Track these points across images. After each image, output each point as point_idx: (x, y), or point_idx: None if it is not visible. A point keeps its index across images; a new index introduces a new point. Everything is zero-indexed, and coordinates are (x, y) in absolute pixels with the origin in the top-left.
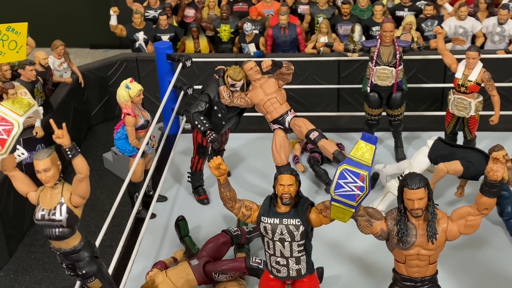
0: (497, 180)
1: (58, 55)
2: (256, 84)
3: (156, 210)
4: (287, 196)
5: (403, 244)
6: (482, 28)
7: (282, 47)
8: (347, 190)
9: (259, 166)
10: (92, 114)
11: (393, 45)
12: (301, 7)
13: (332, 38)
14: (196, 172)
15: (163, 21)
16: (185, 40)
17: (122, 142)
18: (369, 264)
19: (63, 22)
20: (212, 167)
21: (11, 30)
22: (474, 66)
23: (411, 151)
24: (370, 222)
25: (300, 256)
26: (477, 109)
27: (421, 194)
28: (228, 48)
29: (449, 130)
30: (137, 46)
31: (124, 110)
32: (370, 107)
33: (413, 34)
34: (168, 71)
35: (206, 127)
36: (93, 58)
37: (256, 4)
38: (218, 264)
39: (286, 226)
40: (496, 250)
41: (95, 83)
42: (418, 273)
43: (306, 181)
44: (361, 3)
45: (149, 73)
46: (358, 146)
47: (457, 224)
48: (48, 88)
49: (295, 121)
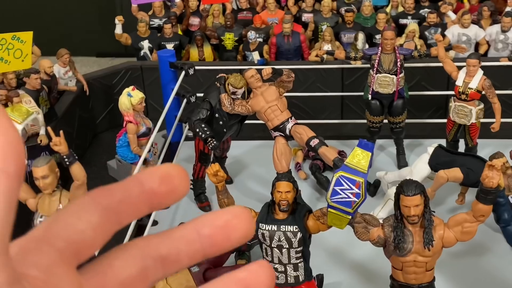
0: (492, 187)
1: (63, 64)
2: (257, 91)
3: (158, 217)
4: (285, 203)
5: (400, 251)
6: (486, 36)
7: (285, 55)
8: (343, 197)
9: (261, 173)
10: (97, 122)
11: (394, 53)
12: (305, 15)
13: (335, 46)
14: (198, 180)
15: (168, 29)
16: (190, 48)
17: (124, 149)
18: (369, 271)
19: (69, 31)
20: (210, 174)
21: (16, 39)
22: (474, 73)
23: (413, 158)
24: (367, 228)
25: (298, 263)
26: (478, 116)
27: (417, 201)
28: (232, 56)
29: (450, 138)
30: (142, 55)
31: (126, 117)
32: (371, 114)
33: (416, 42)
34: (171, 79)
35: (207, 135)
36: (99, 67)
37: (260, 12)
38: (218, 271)
39: (283, 232)
40: (495, 257)
41: (100, 91)
42: (415, 279)
43: (307, 188)
44: (364, 11)
45: (153, 81)
46: (355, 153)
47: (454, 231)
48: (53, 96)
49: (295, 128)
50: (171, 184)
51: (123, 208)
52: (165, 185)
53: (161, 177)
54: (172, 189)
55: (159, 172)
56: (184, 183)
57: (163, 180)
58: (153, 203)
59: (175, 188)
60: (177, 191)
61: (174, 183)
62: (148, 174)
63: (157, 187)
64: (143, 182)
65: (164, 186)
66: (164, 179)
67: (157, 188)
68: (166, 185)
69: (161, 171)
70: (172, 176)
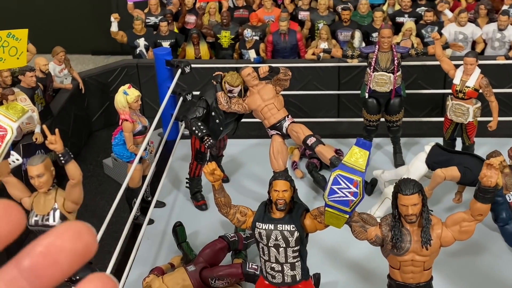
0: (491, 186)
1: (58, 62)
2: (254, 90)
3: (154, 216)
4: (282, 202)
5: (397, 250)
6: (482, 34)
7: (282, 53)
8: (340, 196)
9: (258, 172)
10: (92, 120)
11: (391, 51)
12: (301, 13)
13: (332, 44)
14: (194, 178)
15: (164, 27)
16: (186, 46)
17: (120, 148)
18: (366, 271)
19: (64, 29)
20: (206, 172)
21: (11, 37)
22: (472, 72)
23: (410, 157)
24: (365, 228)
25: (295, 262)
26: (475, 115)
27: (415, 200)
28: (228, 54)
29: (447, 136)
30: (138, 53)
31: (122, 116)
32: (368, 113)
33: (413, 40)
34: (167, 77)
35: (203, 133)
36: (95, 65)
37: (256, 10)
38: (214, 270)
39: (280, 232)
40: (493, 257)
41: (96, 89)
42: (412, 279)
43: (304, 187)
44: (361, 10)
45: (149, 79)
46: (352, 152)
47: (452, 230)
48: (49, 94)
49: (292, 126)
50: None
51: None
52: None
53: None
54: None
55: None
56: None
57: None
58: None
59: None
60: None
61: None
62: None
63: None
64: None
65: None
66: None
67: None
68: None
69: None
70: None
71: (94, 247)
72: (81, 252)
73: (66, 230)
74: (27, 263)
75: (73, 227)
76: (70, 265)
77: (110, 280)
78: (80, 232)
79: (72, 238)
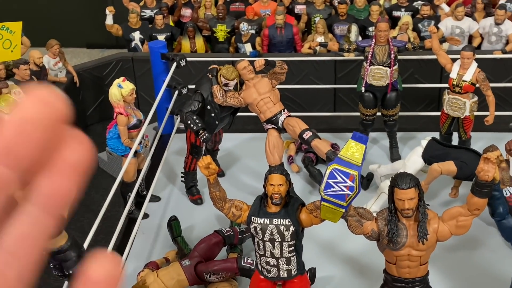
0: (488, 180)
1: (53, 55)
2: (250, 83)
3: (149, 210)
4: (277, 196)
5: (394, 245)
6: (479, 29)
7: (278, 47)
8: (337, 190)
9: (254, 166)
10: (87, 114)
11: (387, 45)
12: (298, 7)
13: (328, 38)
14: (189, 172)
15: (159, 20)
16: (181, 39)
17: (115, 141)
18: (362, 265)
19: (59, 22)
20: (201, 166)
21: (5, 29)
22: (469, 66)
23: (406, 152)
24: (361, 222)
25: (291, 257)
26: (472, 109)
27: (412, 194)
28: (224, 48)
29: (444, 131)
30: (133, 46)
31: (117, 109)
32: (365, 107)
33: (410, 35)
34: (162, 71)
35: (198, 127)
36: (90, 58)
37: (252, 4)
38: (209, 265)
39: (276, 226)
40: (489, 251)
41: (91, 83)
42: (409, 274)
43: (300, 181)
44: (357, 3)
45: (145, 73)
46: (348, 146)
47: (448, 225)
48: None
49: (288, 120)
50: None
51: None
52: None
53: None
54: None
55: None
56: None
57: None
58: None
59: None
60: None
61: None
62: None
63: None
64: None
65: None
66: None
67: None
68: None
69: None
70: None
71: (63, 107)
72: (49, 116)
73: (27, 100)
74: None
75: (35, 95)
76: (42, 135)
77: (113, 256)
78: (43, 97)
79: (36, 105)
